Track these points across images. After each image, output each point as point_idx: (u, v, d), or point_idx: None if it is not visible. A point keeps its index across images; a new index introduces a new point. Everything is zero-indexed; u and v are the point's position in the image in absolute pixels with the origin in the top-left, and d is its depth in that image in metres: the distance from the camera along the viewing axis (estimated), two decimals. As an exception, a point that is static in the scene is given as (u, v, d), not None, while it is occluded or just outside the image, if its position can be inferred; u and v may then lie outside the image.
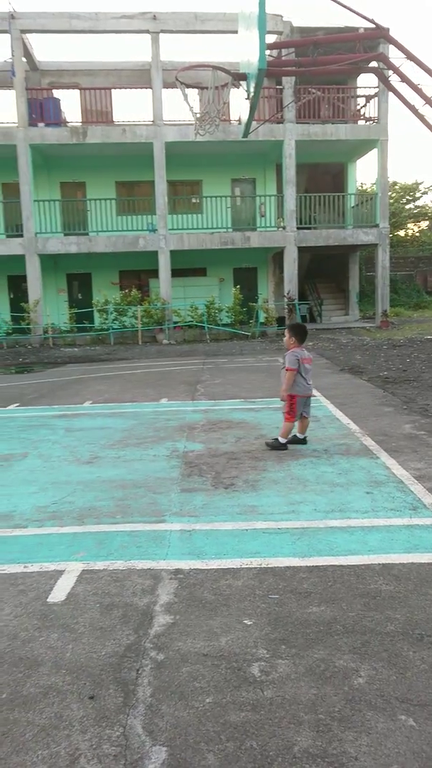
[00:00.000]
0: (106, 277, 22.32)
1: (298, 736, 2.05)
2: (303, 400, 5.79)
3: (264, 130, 18.91)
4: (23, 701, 2.28)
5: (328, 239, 20.67)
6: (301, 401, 5.77)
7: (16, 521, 4.14)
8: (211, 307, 20.12)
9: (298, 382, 5.72)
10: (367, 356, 13.25)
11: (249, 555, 3.45)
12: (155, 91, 19.67)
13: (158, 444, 6.17)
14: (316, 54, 8.30)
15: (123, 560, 3.44)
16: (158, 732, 2.09)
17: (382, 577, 3.14)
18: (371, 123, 20.87)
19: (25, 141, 19.35)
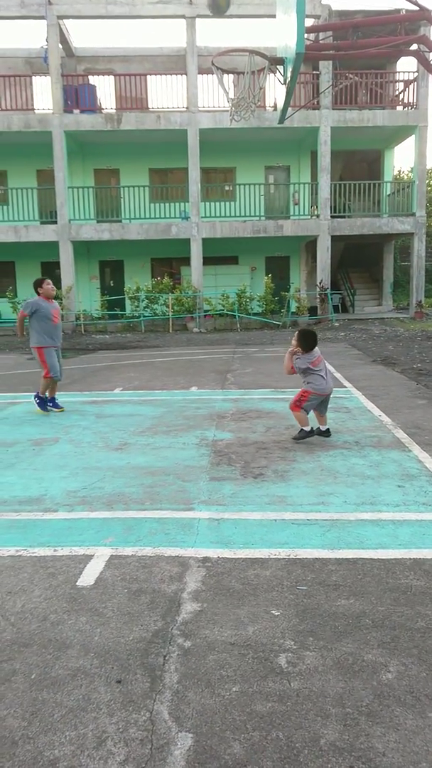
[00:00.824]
0: (139, 264, 22.38)
1: (324, 729, 2.03)
2: (317, 397, 5.61)
3: (299, 116, 18.63)
4: (52, 682, 2.31)
5: (362, 228, 20.34)
6: (314, 398, 5.61)
7: (47, 505, 4.20)
8: (242, 295, 20.03)
9: (314, 379, 5.58)
10: (400, 347, 13.03)
11: (277, 545, 3.44)
12: (190, 77, 19.54)
13: (188, 432, 6.18)
14: (355, 37, 8.11)
15: (151, 547, 3.46)
16: (184, 718, 2.09)
17: (412, 572, 3.09)
18: (409, 109, 20.39)
19: (60, 128, 19.45)
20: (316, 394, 5.59)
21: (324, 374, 5.61)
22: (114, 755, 1.94)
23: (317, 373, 5.59)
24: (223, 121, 19.08)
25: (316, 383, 5.59)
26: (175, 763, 1.90)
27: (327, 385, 5.64)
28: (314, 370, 5.60)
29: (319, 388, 5.60)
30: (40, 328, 7.24)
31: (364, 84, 20.26)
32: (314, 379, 5.59)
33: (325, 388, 5.64)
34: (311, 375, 5.61)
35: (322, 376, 5.60)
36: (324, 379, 5.59)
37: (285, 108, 9.34)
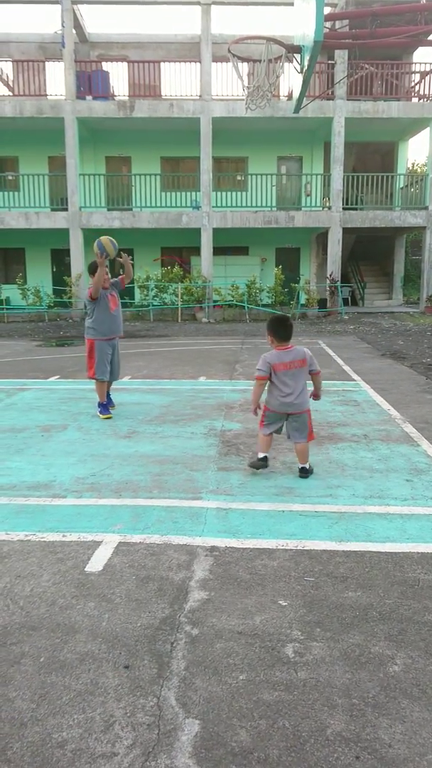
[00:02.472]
0: (149, 253, 22.33)
1: (331, 719, 2.04)
2: (273, 415, 4.45)
3: (313, 106, 18.45)
4: (60, 666, 2.33)
5: (374, 221, 20.19)
6: (273, 417, 4.45)
7: (56, 491, 4.22)
8: (252, 286, 19.96)
9: (271, 392, 4.43)
10: (410, 342, 12.97)
11: (285, 536, 3.44)
12: (204, 64, 19.38)
13: (196, 422, 6.18)
14: (373, 26, 8.01)
15: (159, 534, 3.47)
16: (191, 705, 2.11)
17: (420, 566, 3.09)
18: (425, 100, 20.15)
19: (73, 114, 19.36)
20: (272, 411, 4.43)
21: (286, 385, 4.34)
22: (121, 739, 1.96)
23: (277, 381, 4.38)
24: (236, 109, 18.94)
25: (270, 395, 4.43)
26: (182, 749, 1.91)
27: (286, 400, 4.33)
28: (275, 376, 4.38)
29: (273, 403, 4.40)
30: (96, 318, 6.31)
31: (379, 74, 20.03)
32: (271, 389, 4.42)
33: (281, 405, 4.35)
34: (270, 383, 4.44)
35: (281, 388, 4.35)
36: (282, 391, 4.33)
37: (301, 97, 9.25)
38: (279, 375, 4.36)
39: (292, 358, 4.38)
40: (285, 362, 4.36)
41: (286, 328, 4.43)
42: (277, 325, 4.44)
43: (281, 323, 4.46)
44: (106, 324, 6.35)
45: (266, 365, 4.38)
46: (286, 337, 4.42)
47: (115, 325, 6.44)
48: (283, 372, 4.35)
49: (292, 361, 4.37)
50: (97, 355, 6.32)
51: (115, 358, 6.54)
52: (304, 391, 4.39)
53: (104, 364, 6.35)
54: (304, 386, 4.41)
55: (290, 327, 4.47)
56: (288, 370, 4.35)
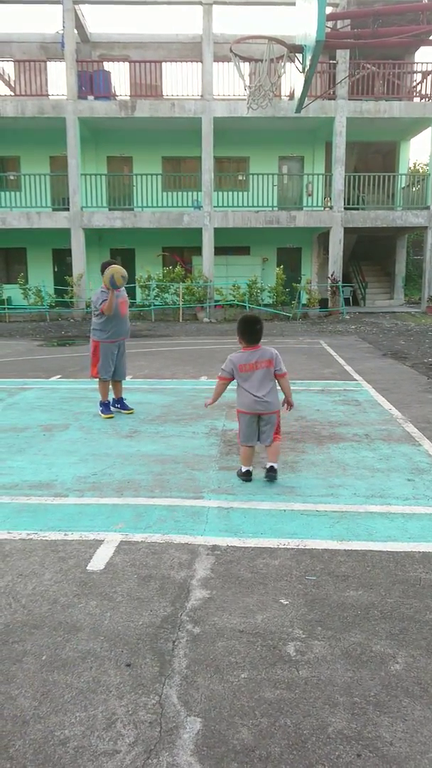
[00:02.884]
0: (150, 252, 22.33)
1: (332, 718, 2.04)
2: (249, 417, 4.35)
3: (314, 106, 18.45)
4: (62, 664, 2.34)
5: (376, 220, 20.18)
6: (247, 419, 4.36)
7: (57, 490, 4.22)
8: (253, 286, 19.97)
9: (240, 393, 4.38)
10: (411, 342, 12.97)
11: (286, 535, 3.44)
12: (205, 64, 19.39)
13: (197, 421, 6.19)
14: (375, 26, 8.01)
15: (161, 533, 3.48)
16: (193, 703, 2.11)
17: (422, 565, 3.09)
18: (427, 100, 20.14)
19: (74, 114, 19.37)
20: (244, 412, 4.37)
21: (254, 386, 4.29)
22: (123, 737, 1.96)
23: (244, 381, 4.32)
24: (238, 109, 18.95)
25: (240, 396, 4.38)
26: (184, 746, 1.92)
27: (256, 400, 4.26)
28: (240, 377, 4.33)
29: (243, 403, 4.35)
30: (104, 320, 6.34)
31: (381, 74, 20.02)
32: (240, 391, 4.38)
33: (251, 404, 4.29)
34: (239, 385, 4.38)
35: (249, 388, 4.29)
36: (250, 391, 4.28)
37: (303, 97, 9.26)
38: (245, 375, 4.31)
39: (257, 358, 4.32)
40: (250, 362, 4.31)
41: (255, 330, 4.34)
42: (244, 327, 4.36)
43: (249, 325, 4.36)
44: (115, 327, 6.38)
45: (230, 365, 4.34)
46: (254, 339, 4.34)
47: (123, 328, 6.48)
48: (249, 372, 4.30)
49: (257, 361, 4.31)
50: (101, 355, 6.36)
51: (122, 358, 6.57)
52: (273, 390, 4.33)
53: (108, 364, 6.39)
54: (274, 386, 4.35)
55: (259, 329, 4.36)
56: (254, 371, 4.30)
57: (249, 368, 4.30)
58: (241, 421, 4.41)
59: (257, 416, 4.33)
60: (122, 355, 6.58)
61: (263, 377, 4.30)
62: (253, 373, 4.29)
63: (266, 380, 4.31)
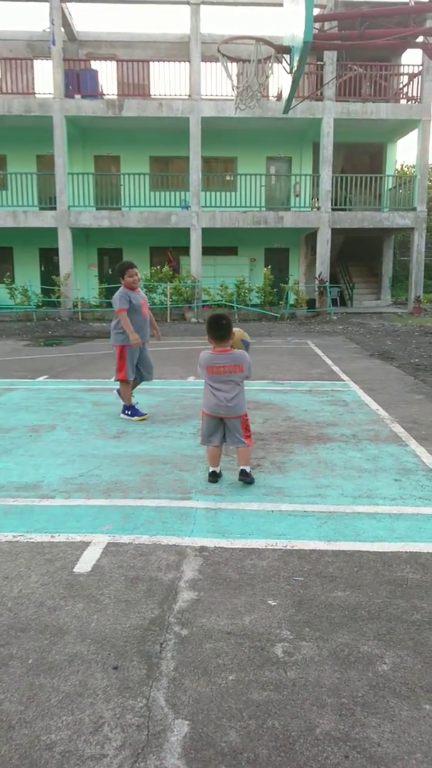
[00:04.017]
0: (138, 252, 22.28)
1: (320, 719, 2.04)
2: (210, 419, 4.25)
3: (302, 107, 18.50)
4: (49, 667, 2.31)
5: (363, 221, 20.28)
6: (208, 420, 4.26)
7: (44, 491, 4.19)
8: (241, 286, 19.99)
9: (206, 393, 4.28)
10: (398, 342, 13.05)
11: (274, 536, 3.44)
12: (193, 64, 19.37)
13: (185, 422, 6.18)
14: (362, 27, 8.04)
15: (148, 535, 3.46)
16: (181, 706, 2.10)
17: (409, 565, 3.11)
18: (413, 102, 20.29)
19: (61, 112, 19.27)
20: (207, 414, 4.26)
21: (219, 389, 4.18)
22: (110, 740, 1.95)
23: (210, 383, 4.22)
24: (226, 109, 18.95)
25: (205, 398, 4.27)
26: (171, 750, 1.91)
27: (219, 404, 4.16)
28: (208, 378, 4.24)
29: (207, 405, 4.25)
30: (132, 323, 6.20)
31: (368, 76, 20.11)
32: (205, 392, 4.28)
33: (214, 407, 4.19)
34: (204, 384, 4.29)
35: (214, 391, 4.19)
36: (215, 394, 4.17)
37: (290, 98, 9.28)
38: (213, 377, 4.21)
39: (228, 362, 4.18)
40: (218, 365, 4.19)
41: (220, 327, 4.18)
42: (209, 324, 4.23)
43: (214, 322, 4.21)
44: (138, 330, 6.24)
45: (201, 366, 4.27)
46: (220, 336, 4.19)
47: (144, 331, 6.36)
48: (216, 375, 4.19)
49: (226, 365, 4.18)
50: (128, 359, 6.28)
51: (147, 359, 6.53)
52: (238, 395, 4.21)
53: (132, 369, 6.35)
54: (240, 391, 4.23)
55: (225, 327, 4.19)
56: (221, 374, 4.18)
57: (216, 371, 4.19)
58: (203, 421, 4.33)
59: (220, 419, 4.25)
60: (148, 356, 6.55)
61: (230, 381, 4.19)
62: (221, 377, 4.19)
63: (233, 384, 4.20)
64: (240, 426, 4.25)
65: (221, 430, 4.27)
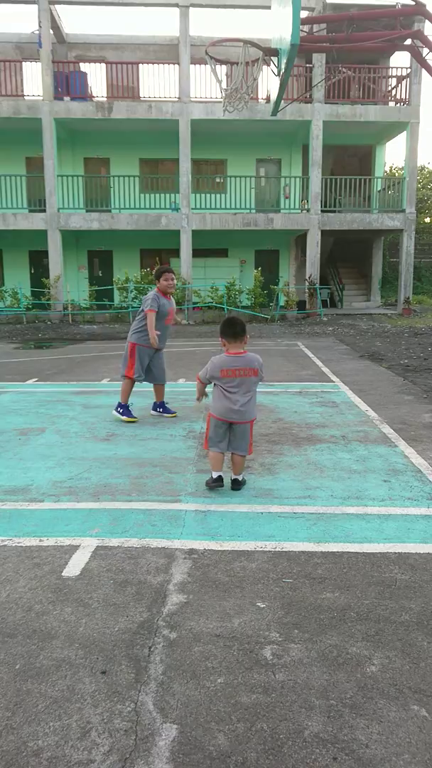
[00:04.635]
0: (128, 254, 22.25)
1: (309, 721, 2.04)
2: (219, 423, 4.14)
3: (291, 109, 18.58)
4: (36, 673, 2.30)
5: (352, 223, 20.37)
6: (219, 425, 4.15)
7: (33, 495, 4.17)
8: (231, 288, 20.00)
9: (217, 397, 4.17)
10: (388, 343, 13.10)
11: (263, 538, 3.44)
12: (182, 66, 19.39)
13: (175, 424, 6.17)
14: (350, 30, 8.08)
15: (137, 538, 3.45)
16: (169, 709, 2.09)
17: (397, 566, 3.11)
18: (402, 105, 20.40)
19: (50, 115, 19.23)
20: (216, 418, 4.15)
21: (232, 393, 4.08)
22: (98, 746, 1.94)
23: (223, 387, 4.12)
24: (215, 112, 18.98)
25: (216, 401, 4.16)
26: (159, 754, 1.90)
27: (232, 407, 4.07)
28: (220, 381, 4.13)
29: (217, 409, 4.13)
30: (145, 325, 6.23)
31: (356, 79, 20.22)
32: (216, 395, 4.17)
33: (226, 411, 4.09)
34: (216, 388, 4.18)
35: (227, 395, 4.09)
36: (228, 398, 4.08)
37: (278, 100, 9.31)
38: (225, 381, 4.09)
39: (241, 365, 4.10)
40: (233, 368, 4.09)
41: (234, 324, 4.13)
42: (224, 326, 4.17)
43: (229, 324, 4.15)
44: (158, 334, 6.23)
45: (210, 371, 4.15)
46: (234, 334, 4.11)
47: (162, 338, 6.32)
48: (230, 378, 4.08)
49: (241, 368, 4.09)
50: (137, 358, 6.30)
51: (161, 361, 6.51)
52: (251, 400, 4.15)
53: (141, 369, 6.35)
54: (253, 395, 4.17)
55: (239, 325, 4.13)
56: (235, 378, 4.08)
57: (232, 374, 4.08)
58: (210, 424, 4.18)
59: (229, 423, 4.16)
60: (161, 359, 6.52)
61: (244, 385, 4.11)
62: (235, 380, 4.08)
63: (247, 388, 4.12)
64: (248, 432, 4.20)
65: (228, 437, 4.18)
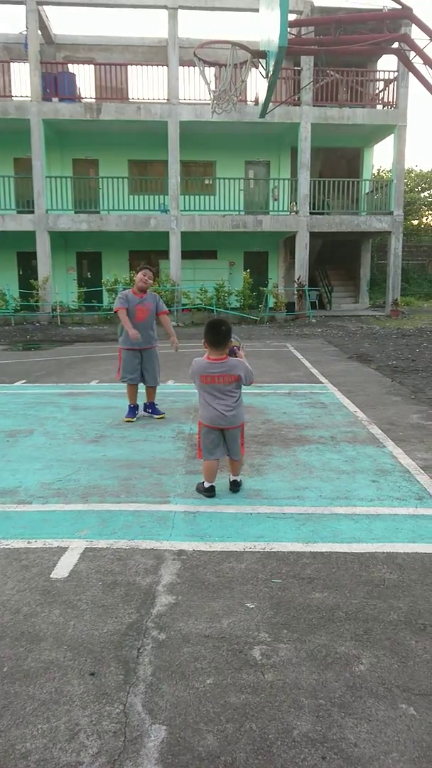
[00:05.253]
0: (117, 256, 22.19)
1: (297, 721, 2.04)
2: (212, 432, 4.05)
3: (280, 112, 18.64)
4: (24, 675, 2.28)
5: (341, 225, 20.45)
6: (211, 435, 4.05)
7: (21, 497, 4.15)
8: (220, 290, 20.01)
9: (202, 404, 4.07)
10: (376, 345, 13.16)
11: (252, 538, 3.45)
12: (171, 68, 19.39)
13: (164, 425, 6.16)
14: (337, 33, 8.13)
15: (126, 539, 3.44)
16: (158, 711, 2.09)
17: (386, 565, 3.13)
18: (389, 108, 20.54)
19: (39, 116, 19.15)
20: (205, 425, 4.06)
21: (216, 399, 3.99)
22: (87, 748, 1.93)
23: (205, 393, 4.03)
24: (204, 113, 18.99)
25: (203, 409, 4.07)
26: (148, 755, 1.89)
27: (217, 414, 3.98)
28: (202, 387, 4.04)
29: (205, 416, 4.04)
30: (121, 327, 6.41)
31: (344, 82, 20.32)
32: (202, 402, 4.09)
33: (213, 418, 3.99)
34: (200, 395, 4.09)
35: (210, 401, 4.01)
36: (212, 404, 4.00)
37: (266, 102, 9.34)
38: (207, 387, 4.01)
39: (221, 371, 3.98)
40: (212, 374, 3.99)
41: (217, 333, 3.98)
42: (207, 329, 4.03)
43: (213, 327, 4.01)
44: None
45: (194, 373, 4.05)
46: (216, 342, 3.99)
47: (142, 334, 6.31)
48: (210, 385, 4.00)
49: (221, 375, 3.98)
50: (123, 361, 6.47)
51: (151, 363, 6.58)
52: (237, 405, 4.06)
53: (129, 371, 6.45)
54: (238, 399, 4.08)
55: (222, 333, 3.98)
56: (215, 384, 3.98)
57: (211, 380, 3.99)
58: (201, 433, 4.09)
59: (220, 430, 4.09)
60: (150, 361, 6.57)
61: (227, 391, 4.02)
62: (214, 386, 4.00)
63: (230, 393, 4.03)
64: (239, 436, 4.14)
65: (223, 443, 4.09)
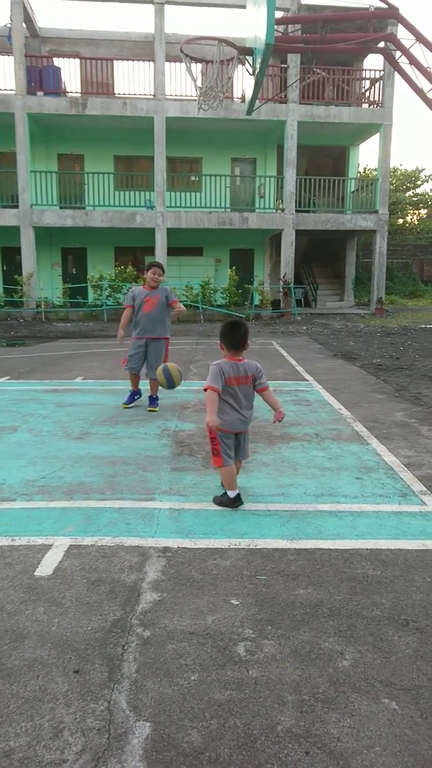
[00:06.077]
0: (102, 252, 22.07)
1: (281, 716, 2.06)
2: (229, 436, 3.91)
3: (266, 109, 18.64)
4: (8, 673, 2.27)
5: (326, 223, 20.53)
6: (229, 439, 3.91)
7: (5, 494, 4.12)
8: (206, 287, 19.99)
9: (223, 409, 3.84)
10: (361, 343, 13.24)
11: (237, 536, 3.46)
12: (157, 63, 19.30)
13: (149, 422, 6.15)
14: (324, 31, 8.14)
15: (111, 536, 3.43)
16: (142, 707, 2.09)
17: (369, 562, 3.16)
18: (375, 107, 20.63)
19: (23, 109, 18.97)
20: (224, 431, 3.86)
21: (240, 401, 3.87)
22: (71, 745, 1.92)
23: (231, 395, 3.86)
24: (190, 110, 18.94)
25: (223, 413, 3.82)
26: (132, 752, 1.89)
27: (241, 418, 3.88)
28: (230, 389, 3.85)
29: (227, 421, 3.84)
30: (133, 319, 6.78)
31: (331, 80, 20.38)
32: (223, 406, 3.84)
33: (236, 422, 3.87)
34: (222, 399, 3.84)
35: (236, 404, 3.86)
36: (237, 407, 3.86)
37: (253, 99, 9.33)
38: (234, 389, 3.85)
39: (245, 372, 3.89)
40: (239, 376, 3.86)
41: (237, 334, 3.86)
42: (228, 332, 3.89)
43: (232, 330, 3.88)
44: (139, 325, 6.75)
45: (220, 376, 3.79)
46: (236, 344, 3.87)
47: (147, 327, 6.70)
48: (238, 386, 3.86)
49: (242, 376, 3.88)
50: (129, 349, 6.87)
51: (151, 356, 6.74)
52: (252, 406, 4.02)
53: (132, 359, 6.80)
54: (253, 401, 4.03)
55: (242, 334, 3.87)
56: (242, 385, 3.88)
57: (236, 382, 3.85)
58: (219, 440, 3.85)
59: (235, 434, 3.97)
60: (154, 353, 6.75)
61: (248, 393, 3.93)
62: (240, 388, 3.87)
63: (250, 395, 3.95)
64: (248, 436, 4.14)
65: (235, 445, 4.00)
